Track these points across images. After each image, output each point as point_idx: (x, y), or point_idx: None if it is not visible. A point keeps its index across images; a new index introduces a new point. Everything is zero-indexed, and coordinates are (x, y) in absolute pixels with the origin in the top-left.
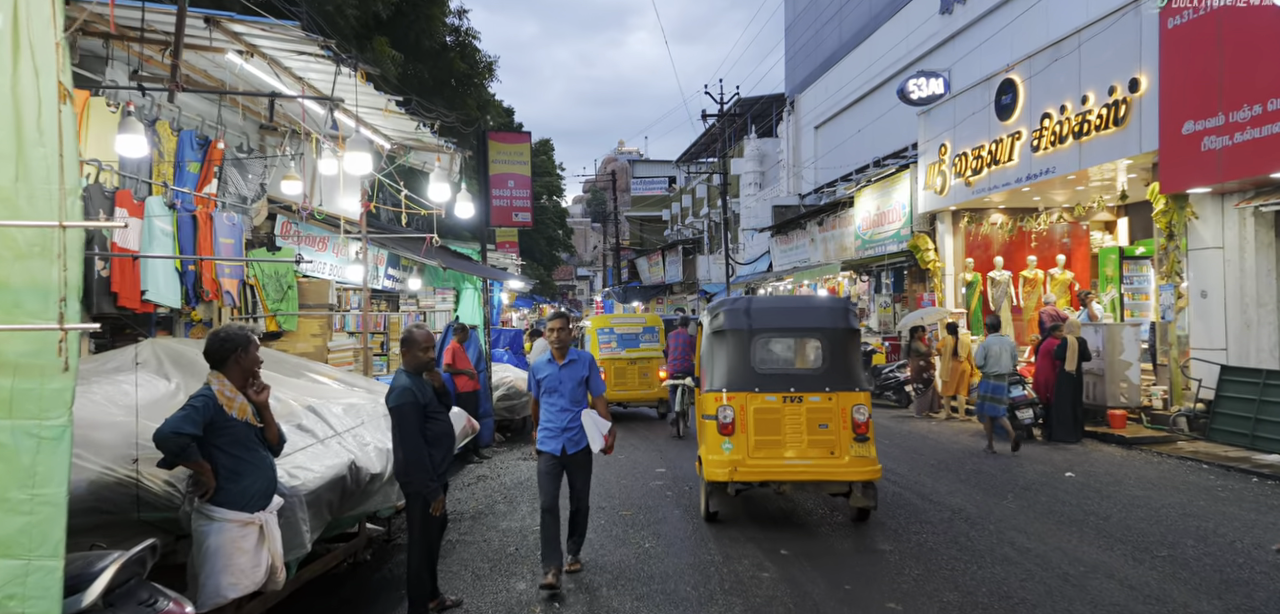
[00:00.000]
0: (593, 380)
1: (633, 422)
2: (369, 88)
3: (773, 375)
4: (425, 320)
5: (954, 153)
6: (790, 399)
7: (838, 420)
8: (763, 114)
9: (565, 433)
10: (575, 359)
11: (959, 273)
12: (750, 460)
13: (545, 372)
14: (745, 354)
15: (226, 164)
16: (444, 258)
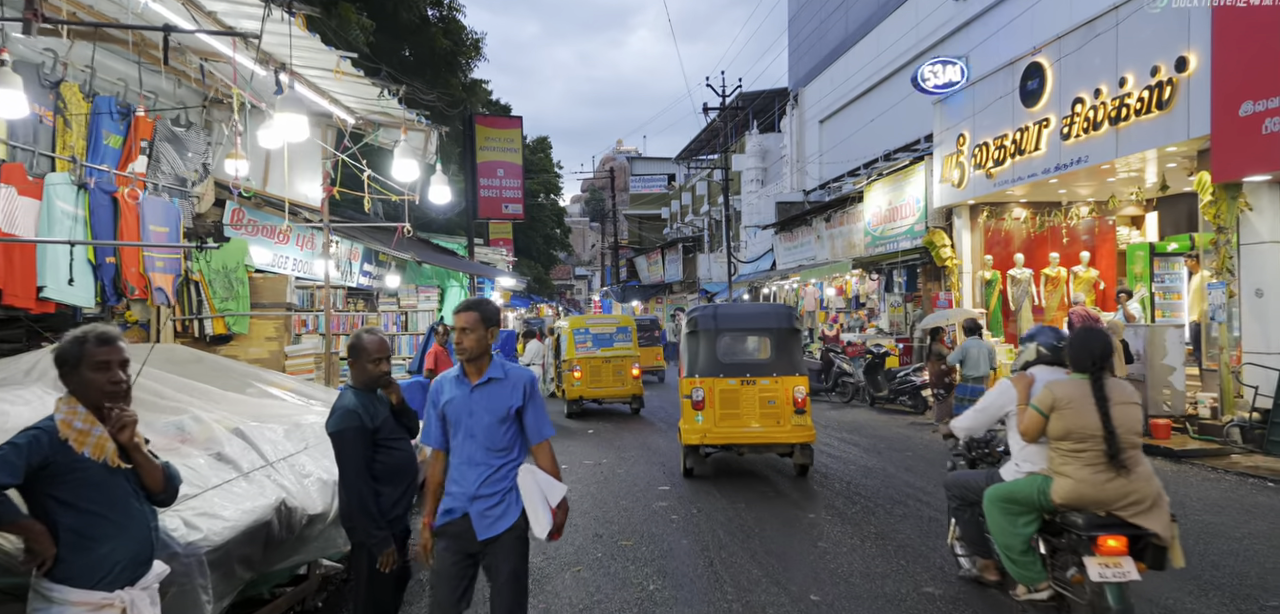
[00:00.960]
0: (530, 415)
1: (631, 423)
2: (311, 39)
3: (733, 364)
4: (407, 322)
5: (973, 143)
6: (746, 382)
7: (782, 398)
8: (764, 109)
9: (478, 502)
10: (500, 378)
11: (977, 271)
12: (716, 429)
13: (450, 397)
14: (712, 348)
15: (159, 139)
16: (421, 251)
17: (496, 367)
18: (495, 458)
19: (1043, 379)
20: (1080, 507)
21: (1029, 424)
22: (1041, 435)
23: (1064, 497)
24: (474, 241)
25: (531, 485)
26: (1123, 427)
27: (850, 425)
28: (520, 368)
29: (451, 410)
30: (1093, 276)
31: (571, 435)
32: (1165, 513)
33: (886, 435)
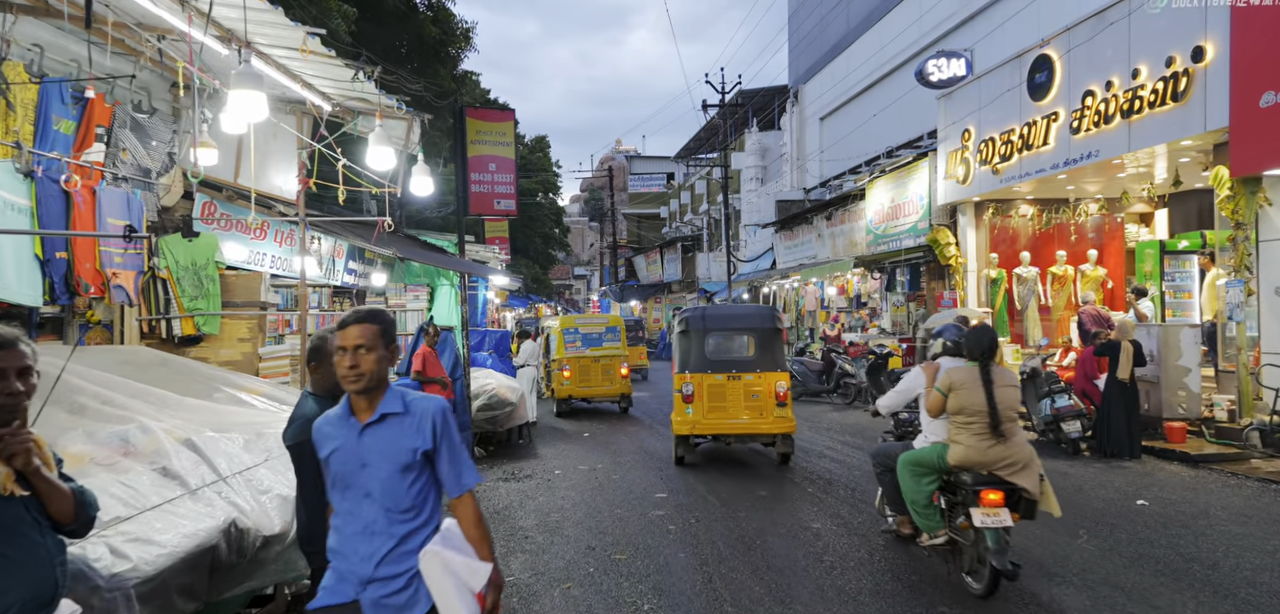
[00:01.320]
0: (445, 459)
1: (629, 427)
2: (273, 12)
3: (720, 361)
4: (394, 318)
5: (979, 138)
6: (732, 377)
7: (765, 392)
8: (764, 107)
9: (374, 588)
10: (399, 413)
11: (982, 269)
12: (705, 420)
13: (336, 445)
14: (701, 346)
15: (119, 126)
16: (408, 248)
17: (393, 398)
18: (400, 523)
19: (945, 366)
20: (969, 467)
21: (932, 403)
22: (942, 412)
23: (957, 460)
24: (464, 239)
25: (440, 573)
26: (1003, 404)
27: (853, 428)
28: (425, 397)
29: (338, 462)
30: (1100, 275)
31: (566, 438)
32: (1036, 473)
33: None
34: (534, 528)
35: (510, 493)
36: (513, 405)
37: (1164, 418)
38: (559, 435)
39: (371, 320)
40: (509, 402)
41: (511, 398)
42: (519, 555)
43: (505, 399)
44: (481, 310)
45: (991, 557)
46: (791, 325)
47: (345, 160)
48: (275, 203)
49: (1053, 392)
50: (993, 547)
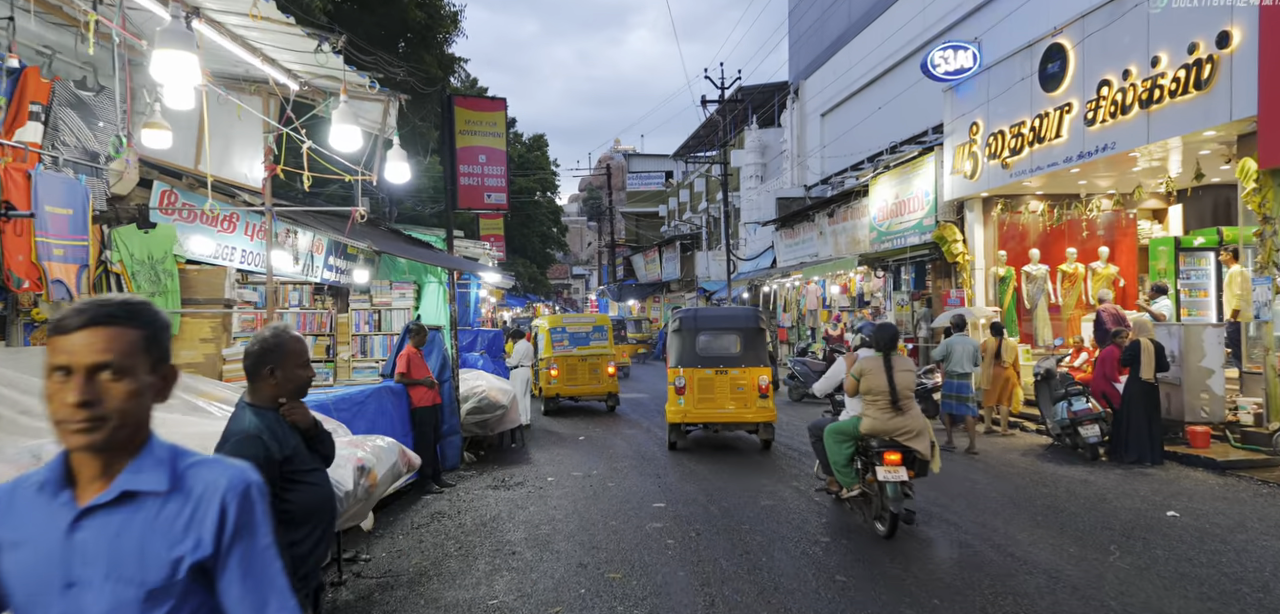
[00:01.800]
0: (232, 582)
1: (626, 430)
2: None
3: (709, 357)
4: (380, 320)
5: (987, 132)
6: (720, 372)
7: (749, 385)
8: (764, 104)
9: None
10: (159, 491)
11: (990, 267)
12: (695, 410)
13: (20, 538)
14: (692, 344)
15: (59, 104)
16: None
17: (152, 465)
18: None
19: (861, 356)
20: (875, 435)
21: (849, 385)
22: (856, 392)
23: (867, 429)
24: (453, 234)
25: None
26: (901, 385)
27: None
28: (215, 465)
29: (19, 575)
30: (1112, 273)
31: (560, 441)
32: (927, 440)
33: None
34: (522, 542)
35: (499, 502)
36: (504, 408)
37: (1186, 422)
38: (553, 439)
39: (121, 321)
40: (500, 405)
41: (503, 401)
42: (504, 574)
43: (496, 402)
44: (475, 309)
45: (891, 505)
46: (792, 325)
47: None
48: (239, 192)
49: (1070, 394)
50: (892, 496)
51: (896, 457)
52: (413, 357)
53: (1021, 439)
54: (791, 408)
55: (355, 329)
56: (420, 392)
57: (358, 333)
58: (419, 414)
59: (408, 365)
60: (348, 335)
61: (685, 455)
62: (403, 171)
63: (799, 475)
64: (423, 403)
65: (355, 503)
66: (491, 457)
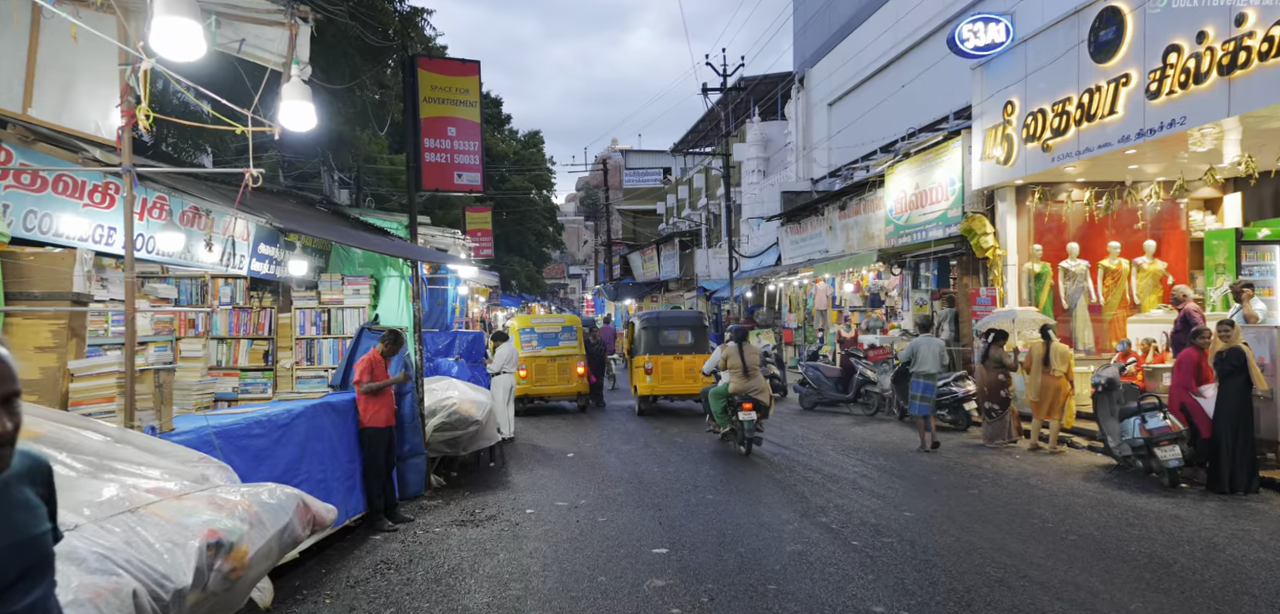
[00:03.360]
0: None
1: (621, 444)
2: None
3: (666, 346)
4: (329, 322)
5: (1024, 112)
6: (676, 357)
7: (696, 366)
8: (766, 96)
9: None
10: None
11: (1024, 262)
12: (658, 385)
13: None
14: (656, 338)
15: None
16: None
17: None
18: None
19: (729, 344)
20: (737, 394)
21: (720, 363)
22: (726, 367)
23: (732, 390)
24: (417, 220)
25: None
26: (750, 363)
27: (882, 447)
28: None
29: None
30: (1159, 269)
31: (546, 460)
32: (767, 396)
33: (934, 463)
34: (484, 609)
35: (463, 546)
36: (478, 424)
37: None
38: (537, 456)
39: None
40: (473, 419)
41: (476, 414)
42: None
43: (468, 416)
44: (457, 309)
45: (746, 433)
46: (798, 326)
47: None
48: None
49: (1143, 408)
50: (747, 430)
51: (748, 406)
52: (376, 363)
53: (1075, 459)
54: (802, 418)
55: (299, 331)
56: (373, 408)
57: (303, 336)
58: (368, 436)
59: (370, 371)
60: (290, 339)
61: (688, 479)
62: (306, 115)
63: (827, 507)
64: (374, 423)
65: (203, 602)
66: (464, 479)
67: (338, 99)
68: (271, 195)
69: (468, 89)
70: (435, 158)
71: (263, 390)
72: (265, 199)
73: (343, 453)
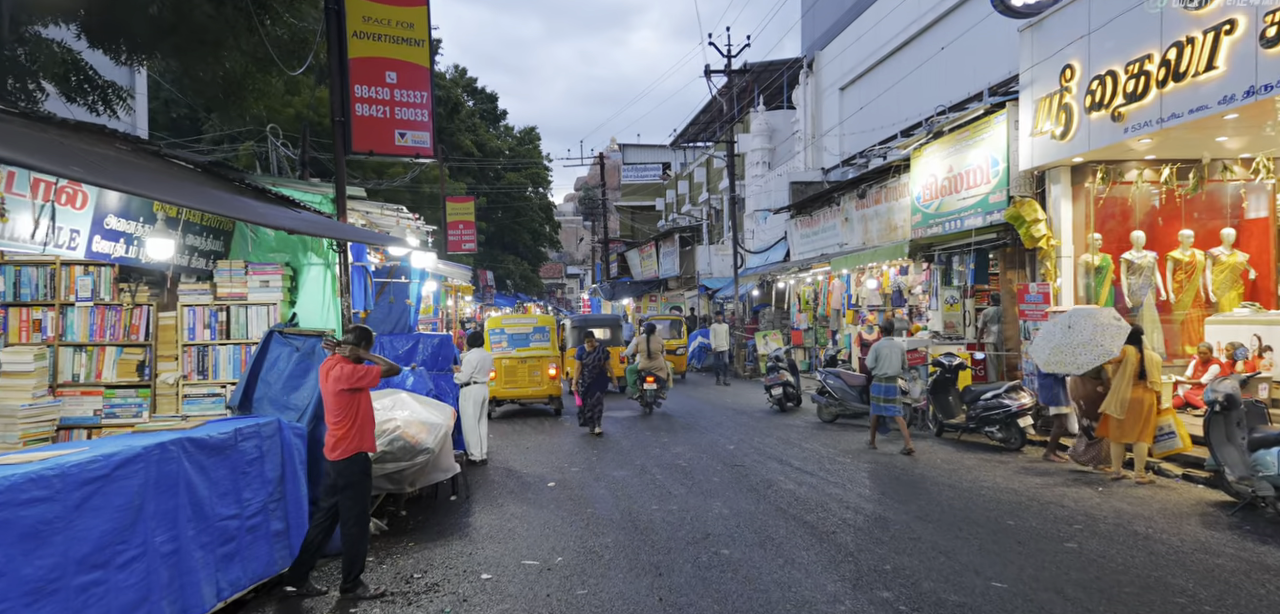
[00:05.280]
0: None
1: (614, 469)
2: None
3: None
4: (228, 323)
5: (1088, 75)
6: None
7: (615, 356)
8: (771, 83)
9: None
10: None
11: (1080, 254)
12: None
13: None
14: (581, 335)
15: None
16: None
17: None
18: None
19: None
20: (643, 370)
21: (635, 350)
22: (640, 351)
23: (640, 367)
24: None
25: None
26: (654, 347)
27: (929, 477)
28: None
29: None
30: (1239, 262)
31: (521, 489)
32: (666, 372)
33: (1006, 500)
34: None
35: None
36: (428, 453)
37: None
38: (511, 487)
39: None
40: (422, 447)
41: (426, 441)
42: None
43: (416, 443)
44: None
45: (649, 398)
46: (808, 328)
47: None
48: None
49: None
50: (650, 398)
51: (651, 378)
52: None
53: (1176, 492)
54: (823, 433)
55: (188, 335)
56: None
57: (192, 341)
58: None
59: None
60: (176, 345)
61: (697, 523)
62: None
63: (883, 570)
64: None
65: None
66: (414, 520)
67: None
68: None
69: (413, 23)
70: (370, 110)
71: (136, 413)
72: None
73: (218, 509)
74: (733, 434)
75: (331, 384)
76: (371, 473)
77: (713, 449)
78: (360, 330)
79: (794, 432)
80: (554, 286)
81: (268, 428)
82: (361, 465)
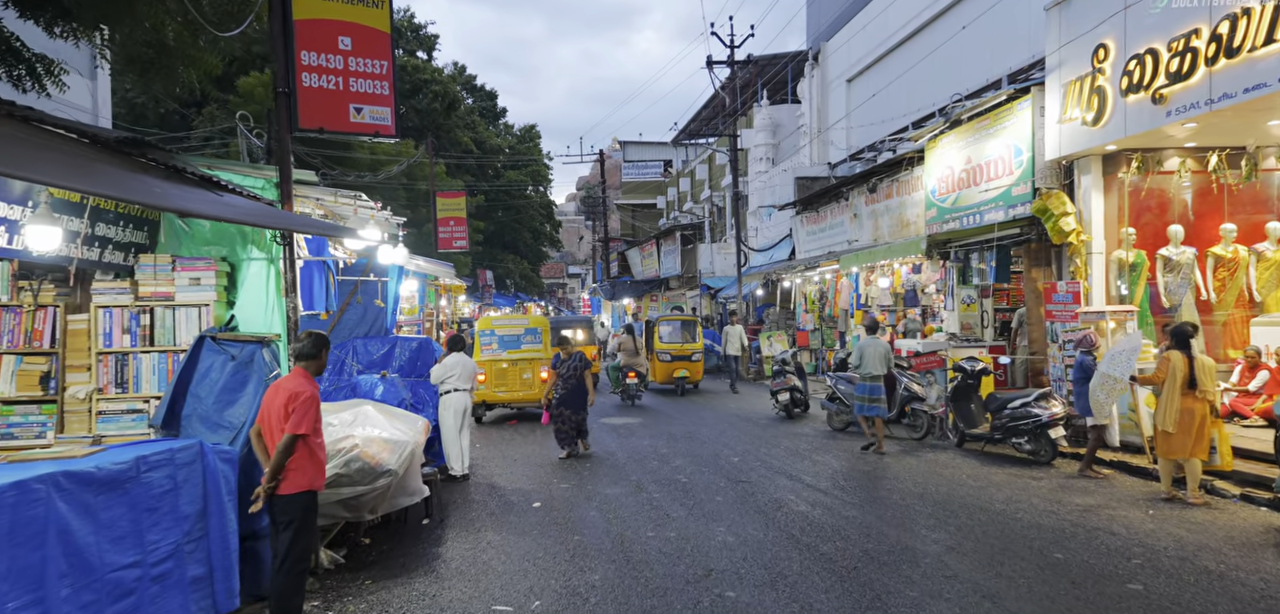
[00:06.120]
0: None
1: (607, 485)
2: None
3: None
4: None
5: (1125, 54)
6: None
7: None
8: (774, 77)
9: None
10: None
11: (1112, 250)
12: None
13: None
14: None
15: None
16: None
17: None
18: None
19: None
20: (624, 366)
21: (618, 348)
22: (623, 350)
23: (622, 364)
24: (290, 171)
25: None
26: (639, 345)
27: (957, 496)
28: None
29: None
30: None
31: (504, 512)
32: (644, 367)
33: (1047, 523)
34: None
35: None
36: (390, 475)
37: None
38: (492, 507)
39: None
40: (383, 469)
41: (388, 461)
42: None
43: (377, 465)
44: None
45: (630, 392)
46: (814, 329)
47: None
48: None
49: None
50: (631, 390)
51: (632, 374)
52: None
53: (1238, 516)
54: (834, 443)
55: (104, 341)
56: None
57: (109, 348)
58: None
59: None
60: (88, 353)
61: (698, 555)
62: None
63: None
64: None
65: None
66: (381, 545)
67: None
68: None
69: None
70: (318, 80)
71: (39, 433)
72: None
73: (109, 557)
74: (737, 444)
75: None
76: (316, 509)
77: (715, 462)
78: (317, 337)
79: (803, 441)
80: (555, 286)
81: (184, 453)
82: (309, 504)
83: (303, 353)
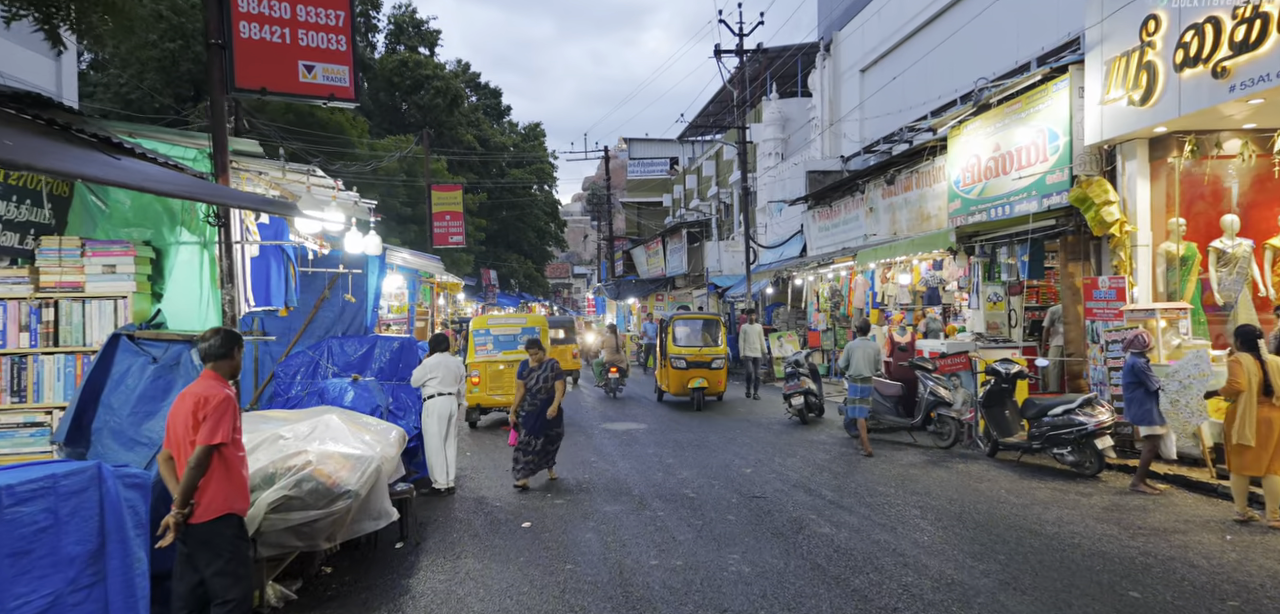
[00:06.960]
0: None
1: (605, 504)
2: None
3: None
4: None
5: (1181, 24)
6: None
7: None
8: (784, 69)
9: None
10: None
11: (1160, 242)
12: None
13: None
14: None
15: None
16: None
17: None
18: None
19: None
20: (607, 362)
21: (601, 346)
22: (605, 347)
23: (605, 360)
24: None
25: None
26: (618, 343)
27: (996, 515)
28: None
29: None
30: None
31: (491, 533)
32: (625, 363)
33: (1114, 552)
34: None
35: None
36: (351, 497)
37: None
38: (477, 526)
39: None
40: (341, 490)
41: (347, 480)
42: None
43: (333, 485)
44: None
45: (612, 385)
46: (827, 329)
47: None
48: None
49: None
50: (613, 383)
51: (615, 369)
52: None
53: None
54: (852, 452)
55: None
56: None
57: (3, 349)
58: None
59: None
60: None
61: (709, 589)
62: None
63: None
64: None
65: None
66: (345, 574)
67: None
68: None
69: None
70: (260, 31)
71: None
72: None
73: None
74: (749, 453)
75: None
76: (245, 537)
77: (726, 474)
78: (227, 334)
79: (820, 451)
80: (560, 286)
81: (71, 480)
82: (237, 531)
83: (211, 352)
